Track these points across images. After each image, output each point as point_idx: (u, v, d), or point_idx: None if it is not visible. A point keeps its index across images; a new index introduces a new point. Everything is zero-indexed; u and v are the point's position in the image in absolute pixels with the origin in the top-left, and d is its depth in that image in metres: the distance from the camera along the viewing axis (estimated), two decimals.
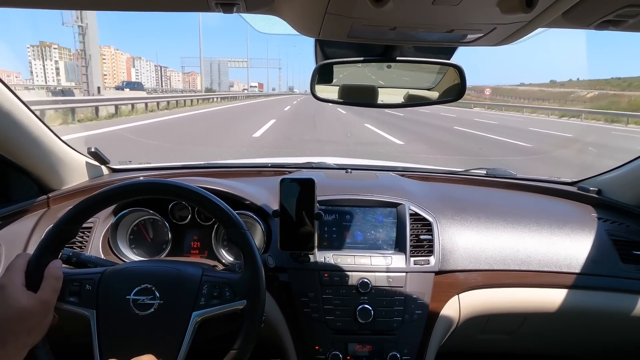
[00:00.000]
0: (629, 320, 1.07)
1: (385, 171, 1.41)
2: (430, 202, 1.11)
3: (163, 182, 0.76)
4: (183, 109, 17.64)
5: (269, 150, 6.97)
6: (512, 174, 1.43)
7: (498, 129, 13.68)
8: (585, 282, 1.04)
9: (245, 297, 0.72)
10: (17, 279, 0.64)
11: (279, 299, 0.98)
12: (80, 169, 1.23)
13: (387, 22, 0.50)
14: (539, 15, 0.45)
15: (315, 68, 0.78)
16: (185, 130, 10.21)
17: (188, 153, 6.24)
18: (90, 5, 0.55)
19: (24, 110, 0.97)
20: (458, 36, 0.55)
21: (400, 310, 0.96)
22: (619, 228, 1.12)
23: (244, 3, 0.49)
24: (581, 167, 6.62)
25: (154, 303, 0.71)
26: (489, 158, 7.29)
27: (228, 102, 27.92)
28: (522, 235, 1.08)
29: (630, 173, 1.22)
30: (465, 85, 0.79)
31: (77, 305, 0.70)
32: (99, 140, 7.39)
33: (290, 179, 0.93)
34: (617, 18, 0.48)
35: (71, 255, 0.82)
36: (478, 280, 1.03)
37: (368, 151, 7.37)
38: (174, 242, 1.09)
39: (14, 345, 0.61)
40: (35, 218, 1.06)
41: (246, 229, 0.75)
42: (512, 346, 1.23)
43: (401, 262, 0.99)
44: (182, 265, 0.77)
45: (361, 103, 0.89)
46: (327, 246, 1.02)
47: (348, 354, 0.95)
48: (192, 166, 1.46)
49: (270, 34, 0.67)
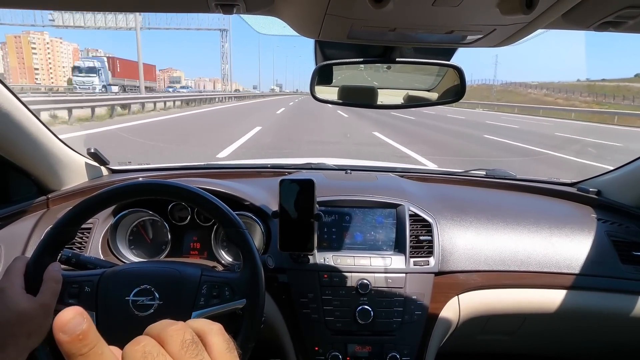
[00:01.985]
0: (629, 321, 1.07)
1: (384, 172, 1.41)
2: (430, 203, 1.11)
3: (162, 183, 0.76)
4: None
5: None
6: (512, 175, 1.44)
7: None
8: (585, 283, 1.04)
9: (244, 296, 0.72)
10: (16, 282, 0.64)
11: (279, 300, 0.98)
12: (79, 169, 1.23)
13: (387, 23, 0.50)
14: (538, 17, 0.45)
15: (315, 69, 0.78)
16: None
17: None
18: (90, 6, 0.55)
19: (24, 110, 0.97)
20: (458, 37, 0.55)
21: (400, 311, 0.96)
22: (619, 229, 1.12)
23: (243, 4, 0.49)
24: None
25: (153, 304, 0.71)
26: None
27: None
28: (522, 236, 1.08)
29: (630, 174, 1.22)
30: (465, 86, 0.79)
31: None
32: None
33: (289, 179, 0.93)
34: (617, 19, 0.48)
35: (70, 256, 0.82)
36: (478, 281, 1.03)
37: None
38: (174, 243, 1.09)
39: (14, 349, 0.61)
40: (34, 219, 1.06)
41: (245, 229, 0.75)
42: (512, 347, 1.23)
43: (401, 263, 0.99)
44: (182, 266, 0.77)
45: (360, 104, 0.89)
46: (326, 247, 1.02)
47: (347, 355, 0.95)
48: (192, 167, 1.45)
49: (270, 34, 0.67)
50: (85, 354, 0.22)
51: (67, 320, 0.22)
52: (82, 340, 0.22)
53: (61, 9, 0.54)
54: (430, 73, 0.88)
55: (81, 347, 0.22)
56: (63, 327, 0.22)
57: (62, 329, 0.22)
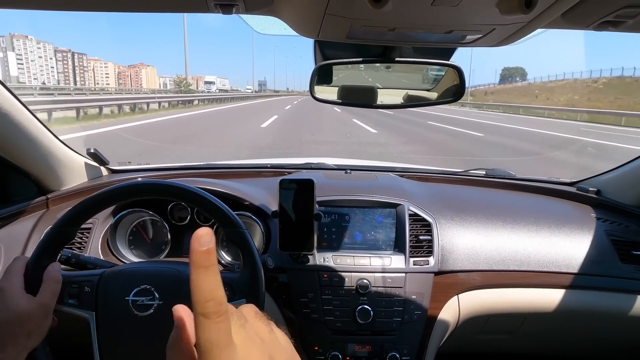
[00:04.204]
0: (629, 320, 1.07)
1: (384, 172, 1.41)
2: (430, 203, 1.11)
3: (162, 183, 0.76)
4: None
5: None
6: (511, 175, 1.44)
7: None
8: (585, 282, 1.04)
9: (244, 296, 0.72)
10: (16, 282, 0.64)
11: (279, 300, 0.98)
12: (79, 169, 1.23)
13: (387, 23, 0.50)
14: (538, 16, 0.45)
15: (315, 69, 0.78)
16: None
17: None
18: (90, 6, 0.55)
19: (23, 111, 0.96)
20: (457, 37, 0.55)
21: (400, 311, 0.96)
22: (618, 228, 1.13)
23: (243, 4, 0.49)
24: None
25: (153, 304, 0.71)
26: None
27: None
28: (522, 235, 1.08)
29: (630, 173, 1.22)
30: (465, 85, 0.79)
31: (77, 307, 0.70)
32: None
33: (289, 179, 0.93)
34: (617, 19, 0.48)
35: (70, 256, 0.82)
36: (477, 280, 1.03)
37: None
38: (173, 243, 1.09)
39: (14, 349, 0.61)
40: (34, 219, 1.06)
41: (245, 229, 0.75)
42: (512, 346, 1.24)
43: (400, 263, 0.99)
44: (182, 266, 0.77)
45: (360, 104, 0.89)
46: (326, 247, 1.02)
47: (347, 355, 0.95)
48: (191, 167, 1.45)
49: (269, 34, 0.67)
50: (207, 267, 0.26)
51: (203, 234, 0.27)
52: (209, 254, 0.27)
53: (60, 9, 0.54)
54: (429, 73, 0.88)
55: (207, 259, 0.26)
56: (199, 239, 0.26)
57: (199, 241, 0.26)
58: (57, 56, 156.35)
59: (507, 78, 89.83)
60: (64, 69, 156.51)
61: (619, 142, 9.83)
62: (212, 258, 0.27)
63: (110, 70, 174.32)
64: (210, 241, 0.27)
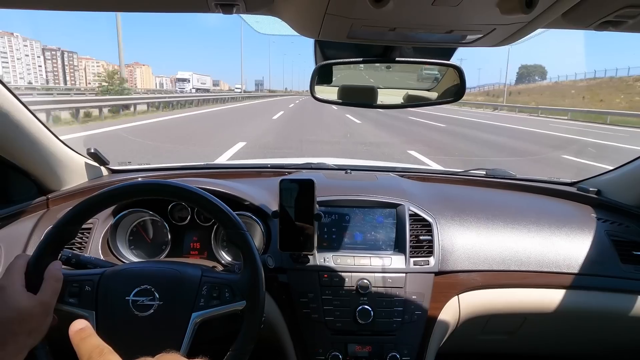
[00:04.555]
0: (629, 321, 1.07)
1: (384, 172, 1.41)
2: (430, 203, 1.11)
3: (162, 183, 0.76)
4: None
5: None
6: (512, 175, 1.44)
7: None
8: (585, 283, 1.04)
9: (244, 298, 0.72)
10: (17, 281, 0.64)
11: (279, 300, 0.98)
12: (79, 170, 1.23)
13: (387, 22, 0.50)
14: (538, 16, 0.45)
15: (315, 69, 0.78)
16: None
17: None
18: (90, 6, 0.55)
19: (24, 111, 0.97)
20: (458, 37, 0.56)
21: (400, 311, 0.96)
22: (619, 228, 1.12)
23: (243, 4, 0.49)
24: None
25: (153, 304, 0.71)
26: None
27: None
28: (522, 235, 1.08)
29: (630, 173, 1.22)
30: (465, 85, 0.79)
31: (77, 306, 0.70)
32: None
33: (289, 179, 0.93)
34: (617, 19, 0.48)
35: (71, 256, 0.82)
36: (478, 280, 1.03)
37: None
38: (174, 243, 1.09)
39: (14, 347, 0.61)
40: (34, 219, 1.06)
41: (245, 230, 0.75)
42: (512, 347, 1.23)
43: (401, 263, 0.99)
44: (182, 266, 0.77)
45: (360, 104, 0.89)
46: (326, 247, 1.02)
47: (348, 355, 0.95)
48: (192, 167, 1.46)
49: (269, 34, 0.67)
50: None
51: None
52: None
53: (60, 9, 0.54)
54: (429, 75, 0.88)
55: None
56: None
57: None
58: (45, 55, 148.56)
59: (525, 77, 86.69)
60: (53, 68, 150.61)
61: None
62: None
63: (103, 69, 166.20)
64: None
